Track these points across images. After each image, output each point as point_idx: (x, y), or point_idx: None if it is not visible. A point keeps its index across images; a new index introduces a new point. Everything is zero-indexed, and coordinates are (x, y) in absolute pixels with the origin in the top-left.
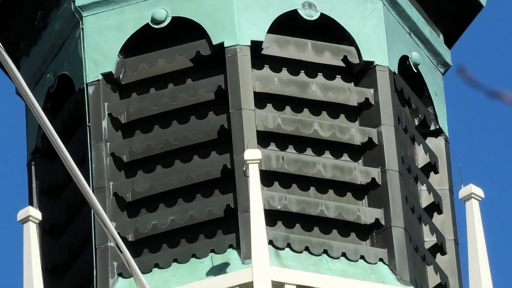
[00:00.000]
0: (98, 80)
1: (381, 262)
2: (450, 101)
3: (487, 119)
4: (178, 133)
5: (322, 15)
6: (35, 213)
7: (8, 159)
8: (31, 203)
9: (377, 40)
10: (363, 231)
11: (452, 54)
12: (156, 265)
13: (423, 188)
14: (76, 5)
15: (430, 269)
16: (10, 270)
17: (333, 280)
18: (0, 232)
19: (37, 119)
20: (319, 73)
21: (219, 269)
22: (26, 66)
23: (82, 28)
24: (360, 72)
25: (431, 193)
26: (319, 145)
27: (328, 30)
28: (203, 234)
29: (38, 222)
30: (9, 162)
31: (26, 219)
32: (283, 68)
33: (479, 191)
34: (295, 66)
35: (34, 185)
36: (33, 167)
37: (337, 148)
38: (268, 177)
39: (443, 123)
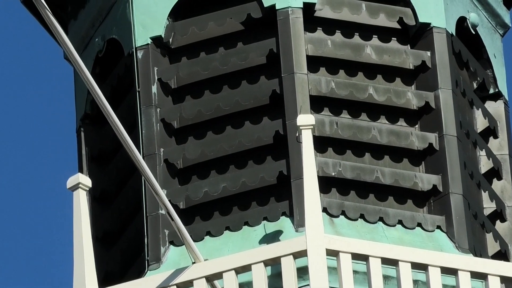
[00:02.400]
0: (148, 44)
1: (438, 230)
2: (510, 63)
3: None
4: (229, 98)
5: None
6: (85, 180)
7: (57, 125)
8: (80, 170)
9: (434, 1)
10: (420, 198)
11: None
12: (208, 233)
13: (482, 154)
14: None
15: (489, 237)
16: (60, 238)
17: (390, 248)
18: (50, 199)
19: (86, 84)
20: (374, 36)
21: (272, 237)
22: (74, 30)
23: None
24: (416, 34)
25: (491, 158)
26: (374, 110)
27: None
28: (255, 202)
29: (88, 189)
30: (58, 128)
31: (76, 187)
32: (336, 31)
33: None
34: (349, 28)
35: (83, 152)
36: (82, 134)
37: (393, 113)
38: (321, 143)
39: (503, 86)
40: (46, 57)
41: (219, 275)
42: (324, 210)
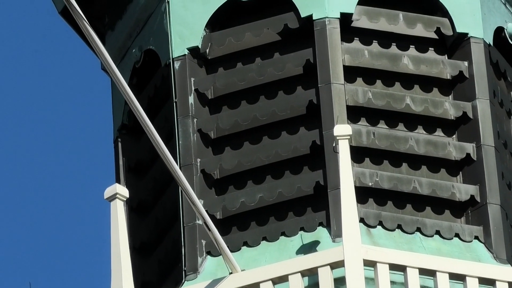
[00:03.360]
0: (184, 55)
1: (476, 240)
2: None
3: None
4: (266, 108)
5: None
6: (122, 190)
7: (94, 136)
8: (118, 181)
9: (472, 11)
10: (458, 208)
11: None
12: (245, 243)
13: None
14: None
15: None
16: (97, 248)
17: (427, 259)
18: (87, 210)
19: (123, 95)
20: (411, 46)
21: (309, 248)
22: (111, 41)
23: (168, 2)
24: (453, 44)
25: None
26: (412, 120)
27: (420, 1)
28: (292, 212)
29: (125, 199)
30: (96, 139)
31: (113, 197)
32: (373, 41)
33: None
34: (386, 38)
35: (121, 162)
36: (119, 144)
37: (430, 123)
38: (358, 153)
39: None
40: (83, 68)
41: (256, 286)
42: (361, 220)
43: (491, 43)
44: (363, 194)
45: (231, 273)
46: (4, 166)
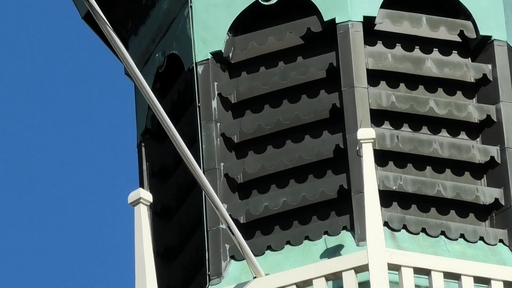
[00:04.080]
0: (208, 59)
1: (501, 243)
2: None
3: None
4: (289, 112)
5: None
6: (146, 195)
7: (118, 140)
8: (141, 185)
9: (495, 13)
10: (482, 212)
11: None
12: (269, 248)
13: None
14: None
15: None
16: (121, 253)
17: (452, 262)
18: (111, 214)
19: (147, 100)
20: (434, 49)
21: (333, 252)
22: (134, 45)
23: (191, 7)
24: (477, 47)
25: None
26: (435, 123)
27: (443, 4)
28: (316, 216)
29: (149, 204)
30: (119, 144)
31: (137, 201)
32: (397, 44)
33: None
34: (409, 41)
35: (144, 167)
36: (143, 149)
37: (454, 126)
38: (382, 157)
39: None
40: (107, 73)
41: None
42: (385, 224)
43: None
44: (387, 197)
45: (255, 277)
46: (29, 172)
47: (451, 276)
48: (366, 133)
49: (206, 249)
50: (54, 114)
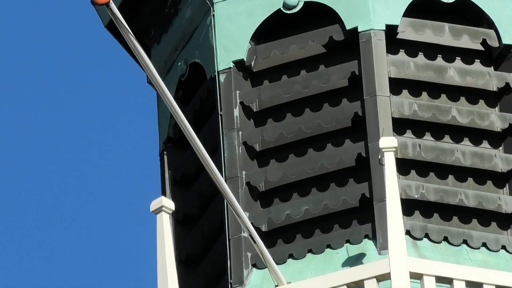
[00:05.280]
0: (230, 67)
1: None
2: None
3: None
4: (311, 121)
5: None
6: (168, 203)
7: (140, 149)
8: (163, 193)
9: None
10: (505, 220)
11: None
12: (291, 256)
13: None
14: None
15: None
16: (143, 260)
17: (474, 271)
18: (134, 222)
19: (169, 108)
20: (457, 57)
21: (355, 260)
22: (157, 54)
23: (213, 15)
24: (500, 56)
25: None
26: (458, 132)
27: (466, 12)
28: (337, 224)
29: (171, 212)
30: (142, 152)
31: (159, 210)
32: (419, 53)
33: None
34: (431, 50)
35: (166, 175)
36: (165, 157)
37: (476, 135)
38: (404, 166)
39: None
40: (129, 81)
41: None
42: (407, 232)
43: None
44: (409, 206)
45: (277, 286)
46: (52, 181)
47: (473, 285)
48: (388, 142)
49: (228, 257)
50: (77, 123)
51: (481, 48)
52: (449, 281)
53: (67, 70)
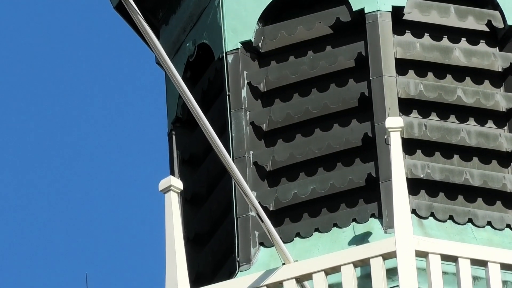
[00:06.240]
0: (237, 48)
1: None
2: None
3: None
4: (318, 101)
5: None
6: (177, 182)
7: (149, 129)
8: (172, 173)
9: None
10: (509, 199)
11: None
12: (298, 235)
13: None
14: None
15: None
16: (152, 239)
17: (479, 250)
18: (142, 202)
19: (177, 89)
20: (462, 38)
21: (361, 239)
22: (165, 35)
23: None
24: (504, 37)
25: None
26: (463, 112)
27: None
28: (344, 203)
29: (179, 191)
30: (150, 132)
31: (167, 189)
32: (425, 34)
33: None
34: (437, 31)
35: (175, 155)
36: (173, 137)
37: (482, 115)
38: (410, 145)
39: None
40: (138, 62)
41: (308, 276)
42: (413, 211)
43: None
44: (414, 185)
45: (284, 263)
46: (64, 159)
47: (478, 263)
48: (394, 122)
49: (236, 236)
50: (87, 103)
51: (486, 29)
52: (454, 259)
53: (77, 51)
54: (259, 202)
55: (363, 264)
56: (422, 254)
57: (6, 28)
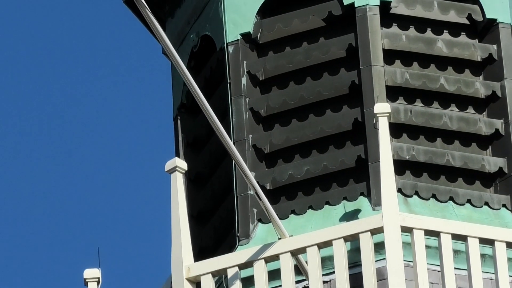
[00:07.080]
0: (237, 40)
1: (504, 208)
2: None
3: None
4: (312, 88)
5: None
6: (181, 163)
7: (156, 114)
8: (177, 155)
9: None
10: (487, 179)
11: None
12: (293, 212)
13: None
14: None
15: None
16: (159, 216)
17: (459, 225)
18: (150, 182)
19: (182, 77)
20: (445, 30)
21: (351, 215)
22: (171, 27)
23: None
24: (483, 29)
25: None
26: (445, 99)
27: None
28: (336, 183)
29: (184, 172)
30: (157, 117)
31: (173, 169)
32: (410, 26)
33: None
34: (422, 24)
35: (180, 138)
36: (179, 121)
37: (462, 101)
38: (396, 129)
39: None
40: (146, 52)
41: (303, 250)
42: (399, 190)
43: None
44: (400, 166)
45: (280, 238)
46: (75, 143)
47: (458, 237)
48: (382, 108)
49: (236, 213)
50: (99, 92)
51: (466, 22)
52: (436, 234)
53: (89, 43)
54: (257, 182)
55: (353, 239)
56: (407, 230)
57: (20, 20)
